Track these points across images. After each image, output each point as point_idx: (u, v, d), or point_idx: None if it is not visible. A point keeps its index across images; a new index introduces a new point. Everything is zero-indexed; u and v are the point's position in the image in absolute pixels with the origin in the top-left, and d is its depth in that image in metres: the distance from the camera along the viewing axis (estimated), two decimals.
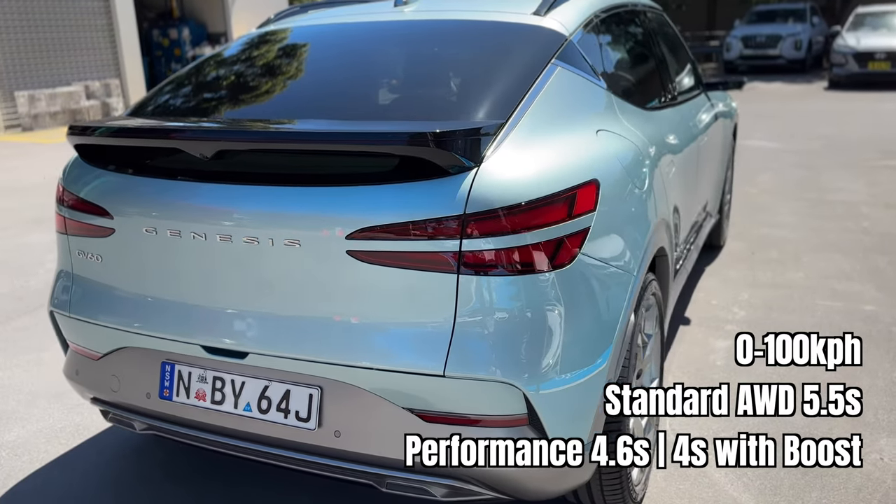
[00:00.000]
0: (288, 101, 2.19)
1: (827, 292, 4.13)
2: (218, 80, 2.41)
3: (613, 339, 1.94)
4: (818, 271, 4.49)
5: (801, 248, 4.97)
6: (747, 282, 4.35)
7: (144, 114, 2.29)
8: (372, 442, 1.89)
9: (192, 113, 2.26)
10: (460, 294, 1.75)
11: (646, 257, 2.15)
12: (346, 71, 2.31)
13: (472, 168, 1.76)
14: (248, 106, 2.23)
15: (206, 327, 1.99)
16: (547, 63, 2.17)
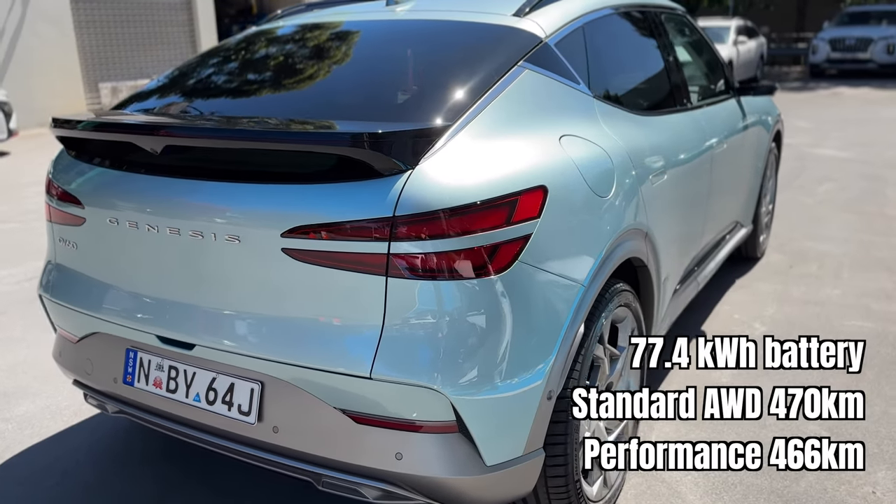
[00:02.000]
0: (252, 99, 2.23)
1: (860, 312, 3.90)
2: (197, 77, 2.47)
3: (555, 351, 1.89)
4: (857, 289, 4.24)
5: (844, 263, 4.71)
6: (777, 297, 4.15)
7: (125, 108, 2.37)
8: (308, 440, 1.90)
9: (164, 108, 2.32)
10: (389, 297, 1.74)
11: (604, 268, 2.08)
12: (315, 70, 2.33)
13: (407, 170, 1.74)
14: (214, 102, 2.27)
15: (159, 317, 2.04)
16: (513, 65, 2.13)
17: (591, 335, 2.07)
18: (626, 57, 2.91)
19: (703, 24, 17.88)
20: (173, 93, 2.41)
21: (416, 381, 1.73)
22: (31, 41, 12.92)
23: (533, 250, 1.84)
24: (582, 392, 2.19)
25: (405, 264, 1.72)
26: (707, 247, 3.50)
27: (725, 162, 3.51)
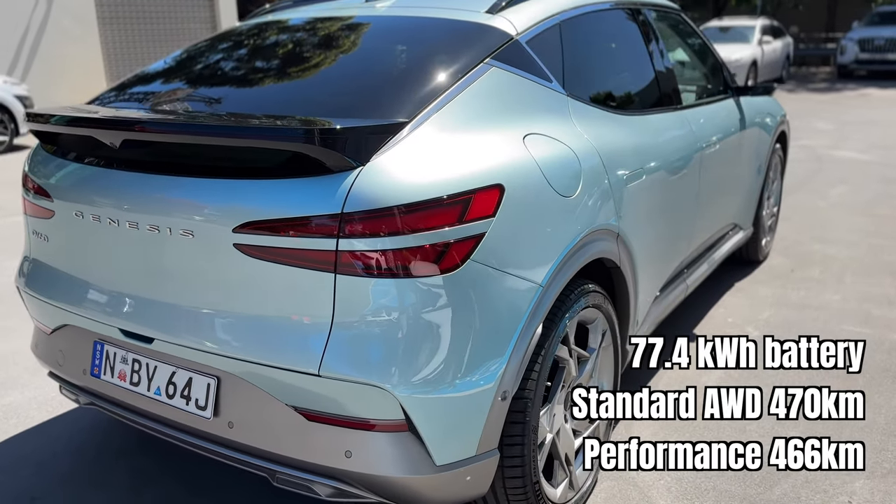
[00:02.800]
0: (219, 94, 2.23)
1: (860, 317, 3.82)
2: (171, 73, 2.48)
3: (508, 352, 1.87)
4: (859, 294, 4.16)
5: (848, 267, 4.62)
6: (775, 301, 4.08)
7: (99, 102, 2.39)
8: (261, 436, 1.91)
9: (131, 102, 2.33)
10: (338, 294, 1.73)
11: (566, 268, 2.05)
12: (283, 66, 2.33)
13: (358, 167, 1.73)
14: (182, 97, 2.28)
15: (121, 311, 2.06)
16: (479, 62, 2.11)
17: (553, 336, 2.05)
18: (608, 55, 2.87)
19: (727, 24, 17.68)
20: (145, 87, 2.42)
21: (363, 379, 1.73)
22: (54, 37, 13.14)
23: (486, 249, 1.82)
24: (582, 392, 2.29)
25: (353, 261, 1.71)
26: (698, 249, 3.44)
27: (719, 163, 3.46)
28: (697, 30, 3.75)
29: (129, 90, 2.42)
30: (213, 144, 1.86)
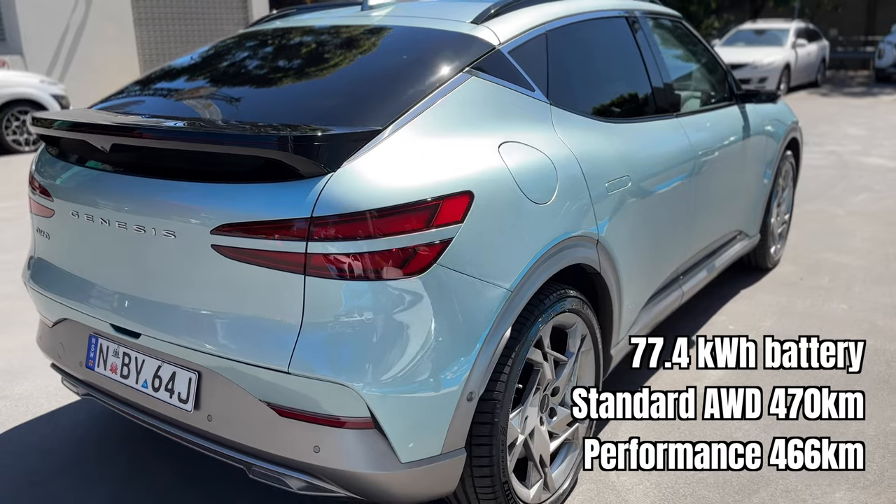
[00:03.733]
0: (210, 101, 2.31)
1: (863, 328, 3.79)
2: (170, 79, 2.58)
3: (474, 354, 1.93)
4: (866, 304, 4.12)
5: (858, 276, 4.57)
6: (779, 309, 4.06)
7: (102, 106, 2.50)
8: (238, 429, 1.99)
9: (128, 107, 2.44)
10: (307, 295, 1.81)
11: (537, 274, 2.10)
12: (271, 74, 2.41)
13: (329, 173, 1.81)
14: (175, 103, 2.38)
15: (111, 307, 2.16)
16: (458, 72, 2.17)
17: (524, 339, 2.10)
18: (597, 64, 2.90)
19: (761, 27, 17.44)
20: (144, 93, 2.52)
21: (330, 377, 1.80)
22: (92, 38, 13.49)
23: (454, 254, 1.88)
24: (582, 392, 2.38)
25: (322, 264, 1.78)
26: (696, 256, 3.45)
27: (720, 170, 3.46)
28: (700, 37, 3.76)
29: (129, 96, 2.53)
30: (193, 150, 1.94)
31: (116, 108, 2.42)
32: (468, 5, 2.55)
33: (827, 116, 12.42)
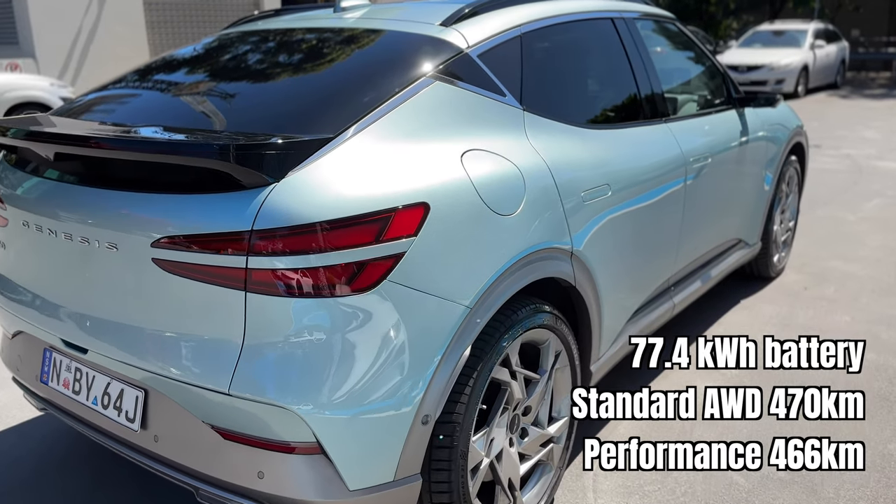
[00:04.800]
0: (164, 108, 2.23)
1: (868, 341, 3.62)
2: (130, 85, 2.50)
3: (429, 375, 1.82)
4: (871, 316, 3.96)
5: (866, 287, 4.40)
6: (780, 321, 3.92)
7: (59, 113, 2.43)
8: (183, 451, 1.91)
9: (78, 114, 2.35)
10: (249, 313, 1.72)
11: (501, 289, 1.99)
12: (230, 79, 2.32)
13: (272, 183, 1.71)
14: (127, 110, 2.30)
15: (61, 321, 2.09)
16: (421, 76, 2.07)
17: (486, 358, 1.99)
18: (578, 67, 2.79)
19: (779, 28, 17.18)
20: (102, 100, 2.44)
21: (271, 399, 1.70)
22: (105, 40, 13.55)
23: (406, 270, 1.77)
24: (582, 391, 2.38)
25: (263, 280, 1.69)
26: (689, 266, 3.33)
27: (714, 177, 3.33)
28: (694, 39, 3.62)
29: (88, 101, 2.45)
30: (133, 159, 1.86)
31: (74, 112, 2.35)
32: (442, 7, 2.45)
33: (844, 119, 12.17)
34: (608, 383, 2.71)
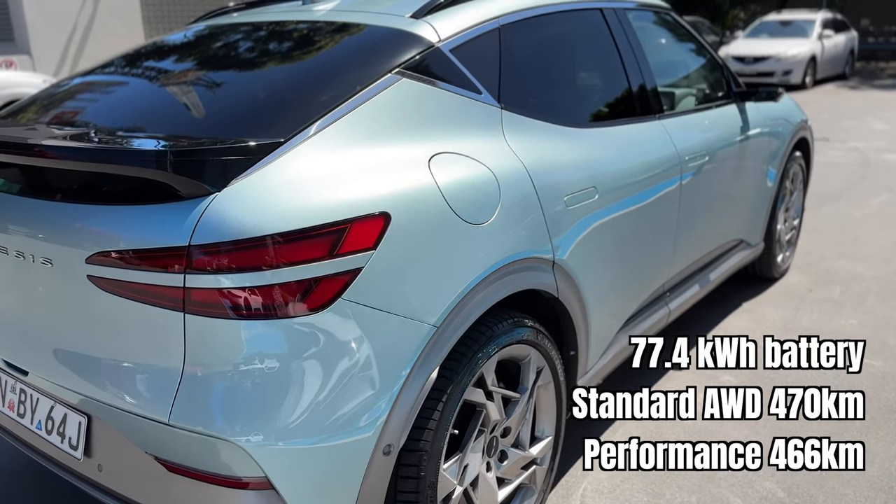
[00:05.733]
0: (109, 111, 2.08)
1: (871, 348, 3.44)
2: (78, 85, 2.33)
3: (390, 401, 1.67)
4: (878, 319, 3.78)
5: (873, 288, 4.22)
6: (782, 325, 3.74)
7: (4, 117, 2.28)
8: (127, 483, 1.77)
9: (22, 116, 2.20)
10: (188, 335, 1.56)
11: (472, 305, 1.83)
12: (187, 78, 2.15)
13: (212, 193, 1.56)
14: (70, 115, 2.13)
15: (3, 340, 1.94)
16: (385, 73, 1.90)
17: (457, 380, 1.83)
18: (563, 61, 2.61)
19: (786, 18, 16.91)
20: (47, 101, 2.28)
21: (211, 431, 1.55)
22: (101, 36, 13.40)
23: (363, 287, 1.62)
24: (582, 392, 2.37)
25: (201, 300, 1.54)
26: (686, 270, 3.16)
27: (712, 175, 3.16)
28: (692, 30, 3.44)
29: (35, 104, 2.29)
30: (67, 168, 1.70)
31: (14, 114, 2.19)
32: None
33: (853, 111, 11.92)
34: (608, 383, 2.65)
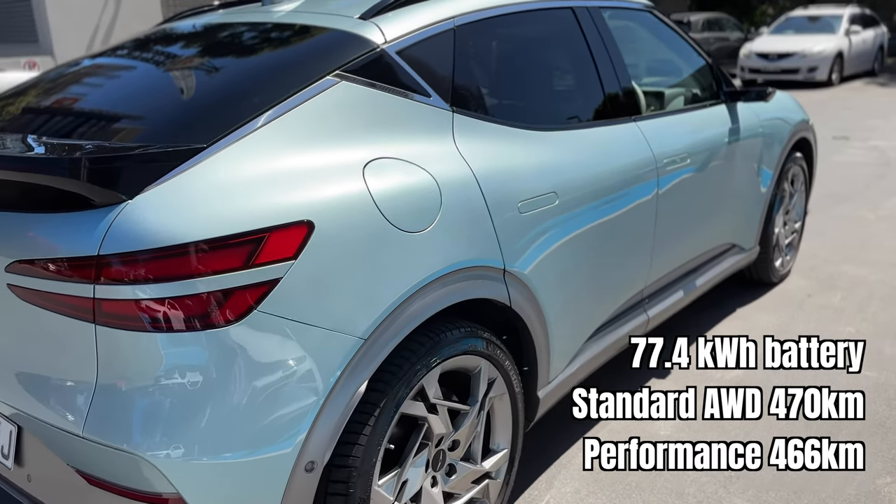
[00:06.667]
0: (46, 116, 2.04)
1: (869, 356, 3.30)
2: (28, 89, 2.31)
3: (311, 415, 1.61)
4: (879, 327, 3.64)
5: (877, 293, 4.07)
6: (776, 332, 3.62)
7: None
8: (54, 495, 1.74)
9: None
10: (100, 347, 1.53)
11: (406, 315, 1.77)
12: (126, 82, 2.13)
13: (125, 201, 1.52)
14: (16, 119, 2.11)
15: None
16: (322, 76, 1.85)
17: (393, 393, 1.77)
18: (526, 63, 2.54)
19: (812, 13, 16.56)
20: (15, 103, 2.26)
21: (122, 445, 1.51)
22: (122, 37, 13.54)
23: (282, 298, 1.57)
24: (582, 392, 2.40)
25: (111, 311, 1.50)
26: (668, 277, 3.06)
27: (696, 179, 3.06)
28: (677, 28, 3.33)
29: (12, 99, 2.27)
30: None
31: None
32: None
33: (878, 109, 11.61)
34: (609, 383, 2.65)
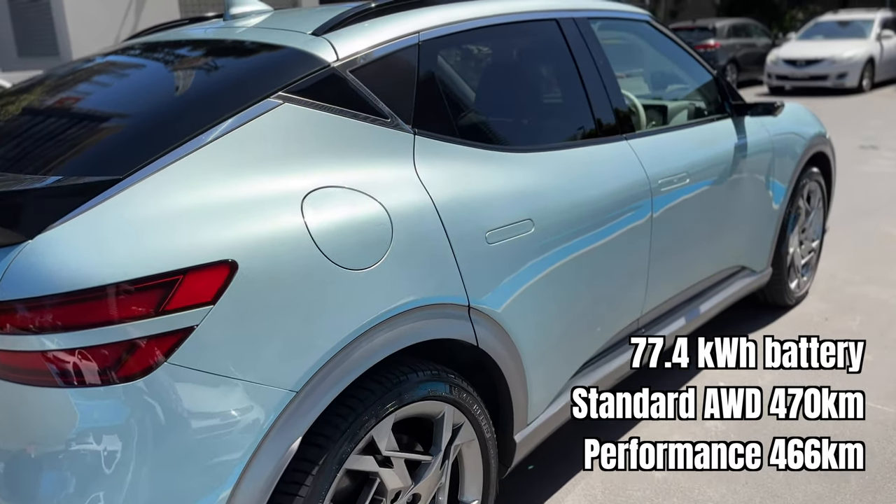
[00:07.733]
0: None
1: (883, 391, 3.07)
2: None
3: (232, 478, 1.45)
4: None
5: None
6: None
7: None
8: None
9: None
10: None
11: (348, 363, 1.60)
12: (70, 104, 1.96)
13: (24, 242, 1.37)
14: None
15: None
16: (262, 97, 1.69)
17: (335, 448, 1.60)
18: (504, 79, 2.36)
19: (843, 18, 16.16)
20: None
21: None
22: None
23: (197, 348, 1.41)
24: (582, 391, 2.33)
25: (6, 364, 1.35)
26: (667, 305, 2.86)
27: (697, 199, 2.86)
28: (678, 40, 3.13)
29: None
30: None
31: None
32: (330, 13, 2.07)
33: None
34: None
